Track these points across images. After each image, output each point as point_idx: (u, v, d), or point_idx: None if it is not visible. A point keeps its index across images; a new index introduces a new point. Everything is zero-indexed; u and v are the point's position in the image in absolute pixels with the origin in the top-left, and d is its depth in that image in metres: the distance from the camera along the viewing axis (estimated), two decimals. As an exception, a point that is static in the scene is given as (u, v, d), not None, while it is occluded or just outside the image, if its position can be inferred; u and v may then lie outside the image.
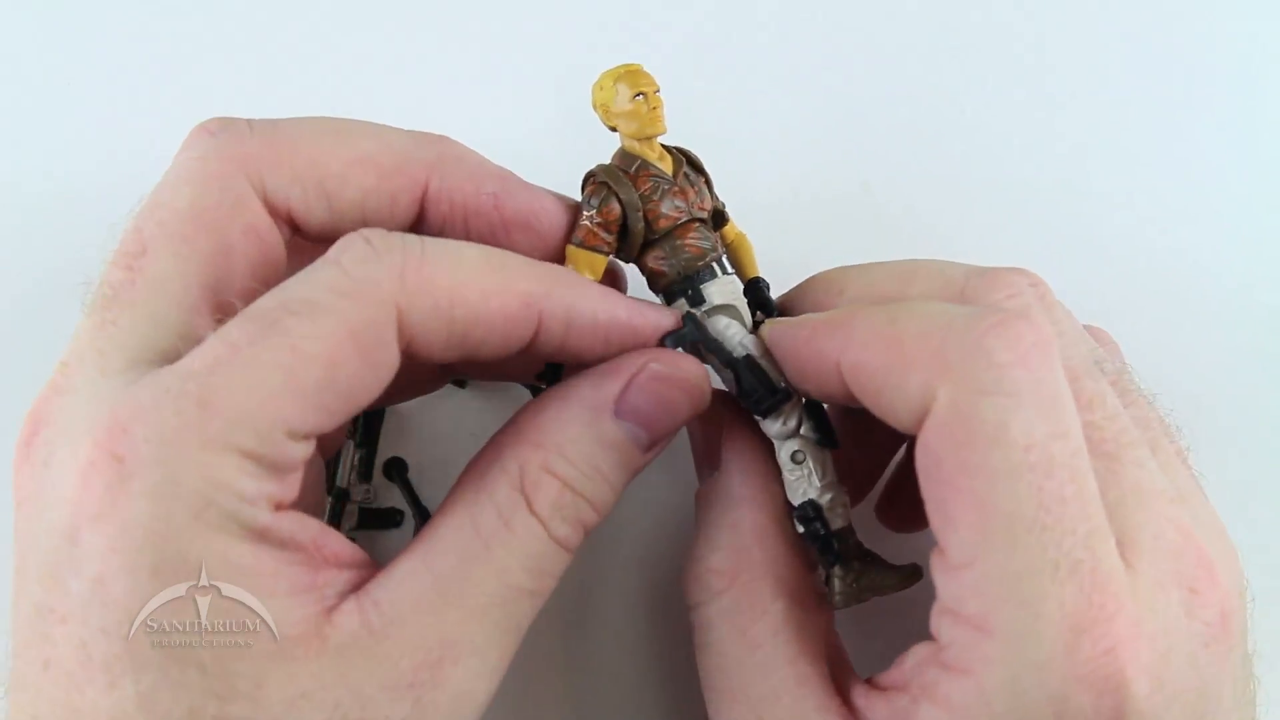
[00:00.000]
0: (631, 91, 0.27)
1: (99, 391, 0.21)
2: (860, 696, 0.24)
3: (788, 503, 0.27)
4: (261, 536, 0.21)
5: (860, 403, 0.24)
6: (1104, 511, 0.21)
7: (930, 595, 0.22)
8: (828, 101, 0.38)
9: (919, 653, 0.23)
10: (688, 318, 0.26)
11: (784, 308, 0.28)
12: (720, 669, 0.25)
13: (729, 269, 0.29)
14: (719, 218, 0.30)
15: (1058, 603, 0.20)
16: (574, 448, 0.24)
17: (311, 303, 0.21)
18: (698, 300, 0.28)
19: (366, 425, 0.33)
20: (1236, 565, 0.23)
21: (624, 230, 0.27)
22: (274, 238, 0.24)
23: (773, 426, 0.27)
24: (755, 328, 0.29)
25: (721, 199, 0.30)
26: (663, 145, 0.29)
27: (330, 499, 0.32)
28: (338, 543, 0.22)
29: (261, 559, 0.21)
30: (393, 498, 0.33)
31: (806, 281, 0.29)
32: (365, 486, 0.33)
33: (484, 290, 0.23)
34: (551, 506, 0.23)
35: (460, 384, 0.34)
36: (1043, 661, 0.20)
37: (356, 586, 0.22)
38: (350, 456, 0.33)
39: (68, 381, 0.22)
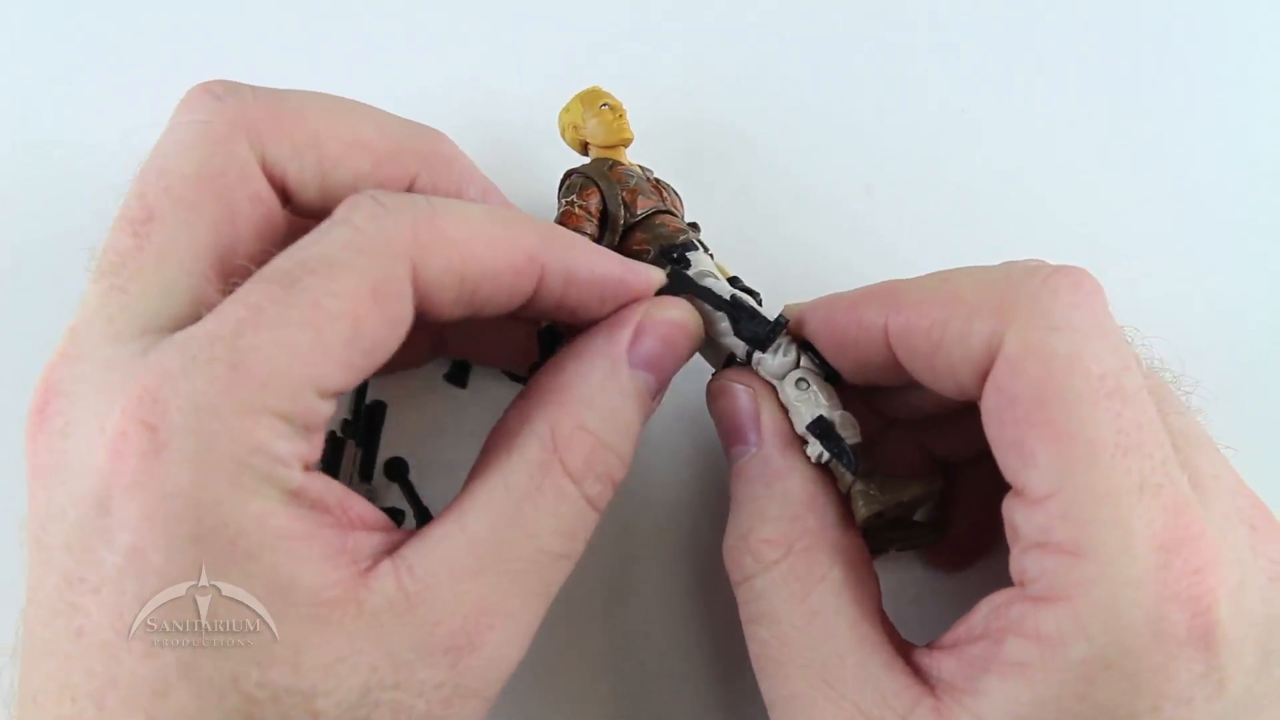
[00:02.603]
0: (597, 103, 0.29)
1: (114, 359, 0.21)
2: (922, 657, 0.24)
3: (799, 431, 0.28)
4: (295, 498, 0.21)
5: (901, 371, 0.25)
6: (1170, 440, 0.22)
7: (959, 588, 0.24)
8: (830, 106, 0.38)
9: (994, 600, 0.23)
10: (673, 272, 0.28)
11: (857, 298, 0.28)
12: (777, 638, 0.25)
13: (710, 253, 0.30)
14: (693, 226, 0.31)
15: (1146, 521, 0.20)
16: (600, 400, 0.24)
17: (330, 260, 0.21)
18: (683, 266, 0.29)
19: (367, 425, 0.34)
20: None
21: (604, 218, 0.28)
22: (275, 205, 0.24)
23: (773, 362, 0.28)
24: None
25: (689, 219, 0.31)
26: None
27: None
28: (361, 505, 0.23)
29: (296, 522, 0.21)
30: (393, 497, 0.34)
31: (872, 287, 0.28)
32: (366, 486, 0.33)
33: (492, 244, 0.23)
34: (584, 464, 0.24)
35: (461, 384, 0.35)
36: (1138, 579, 0.20)
37: (386, 549, 0.22)
38: (351, 456, 0.33)
39: (78, 349, 0.22)
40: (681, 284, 0.28)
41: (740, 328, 0.28)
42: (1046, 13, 0.40)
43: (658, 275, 0.27)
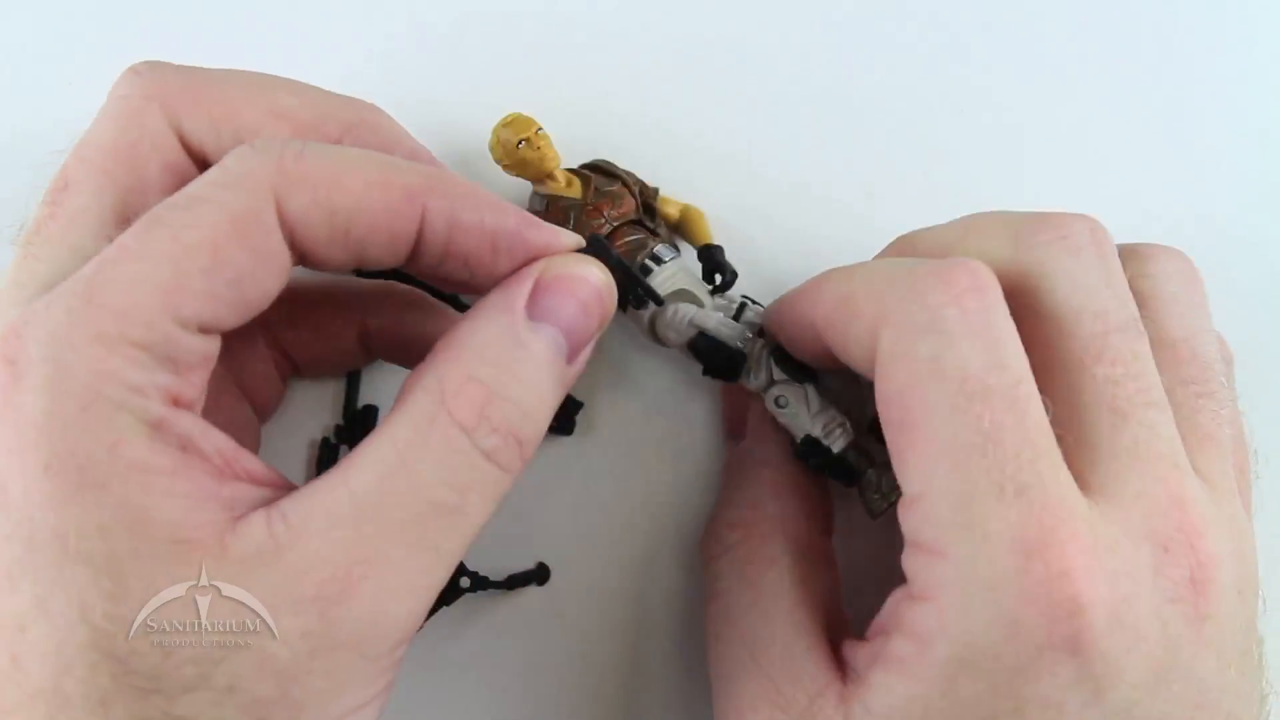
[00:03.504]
0: (515, 139, 0.29)
1: (4, 317, 0.21)
2: (849, 648, 0.25)
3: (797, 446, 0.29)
4: (156, 429, 0.20)
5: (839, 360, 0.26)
6: (1053, 441, 0.21)
7: None
8: (831, 107, 0.38)
9: (896, 595, 0.24)
10: (592, 239, 0.26)
11: (878, 257, 0.30)
12: (724, 614, 0.27)
13: (672, 252, 0.31)
14: (650, 208, 0.31)
15: (1005, 523, 0.20)
16: (493, 351, 0.23)
17: (193, 197, 0.21)
18: (641, 302, 0.29)
19: (359, 430, 0.34)
20: (1241, 557, 0.23)
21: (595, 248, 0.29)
22: (192, 175, 0.24)
23: (750, 384, 0.29)
24: (717, 291, 0.30)
25: (653, 184, 0.31)
26: (570, 170, 0.30)
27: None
28: (253, 461, 0.22)
29: (156, 456, 0.20)
30: None
31: (891, 244, 0.29)
32: None
33: (366, 181, 0.23)
34: (476, 415, 0.22)
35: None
36: (994, 581, 0.20)
37: (270, 503, 0.21)
38: (342, 456, 0.34)
39: (5, 325, 0.22)
40: (599, 252, 0.26)
41: (704, 361, 0.29)
42: (1048, 12, 0.40)
43: (570, 238, 0.25)
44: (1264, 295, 0.38)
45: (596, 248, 0.25)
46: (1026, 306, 0.23)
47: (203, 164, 0.25)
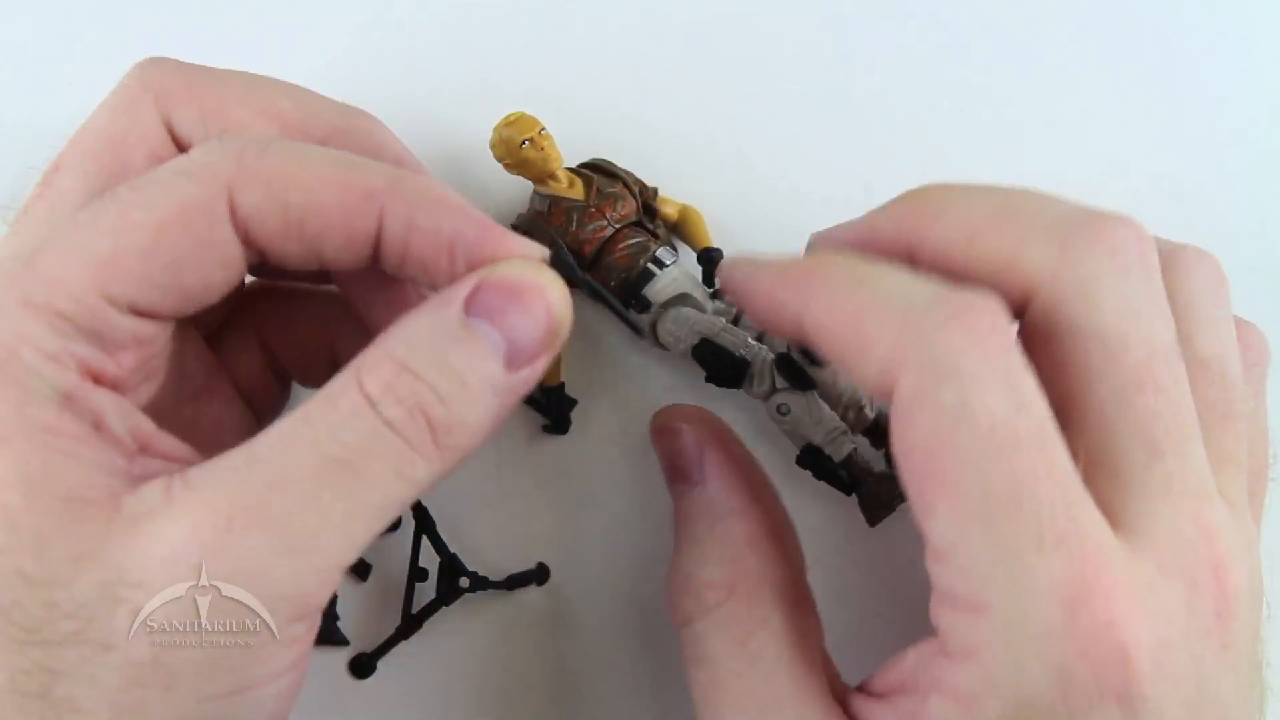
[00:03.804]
0: (519, 139, 0.29)
1: None
2: (859, 704, 0.24)
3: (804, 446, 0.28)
4: (67, 400, 0.20)
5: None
6: (1081, 483, 0.21)
7: (912, 596, 0.23)
8: (829, 102, 0.37)
9: (921, 651, 0.23)
10: (554, 258, 0.25)
11: (876, 219, 0.27)
12: (716, 682, 0.25)
13: (672, 255, 0.31)
14: (650, 209, 0.31)
15: (1047, 574, 0.20)
16: (418, 336, 0.22)
17: (149, 179, 0.22)
18: (643, 306, 0.29)
19: None
20: (1254, 576, 0.23)
21: (559, 266, 0.29)
22: None
23: (749, 392, 0.28)
24: (717, 295, 0.30)
25: (652, 184, 0.31)
26: (570, 170, 0.30)
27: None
28: (172, 443, 0.22)
29: (68, 421, 0.20)
30: None
31: (902, 195, 0.26)
32: None
33: (323, 178, 0.22)
34: (384, 387, 0.21)
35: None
36: (1041, 635, 0.20)
37: (180, 472, 0.21)
38: None
39: None
40: (562, 269, 0.25)
41: (707, 369, 0.28)
42: (1047, 10, 0.40)
43: (534, 249, 0.24)
44: (1264, 292, 0.38)
45: (560, 265, 0.25)
46: (1068, 324, 0.22)
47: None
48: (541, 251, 0.24)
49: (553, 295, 0.23)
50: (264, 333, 0.30)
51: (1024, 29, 0.39)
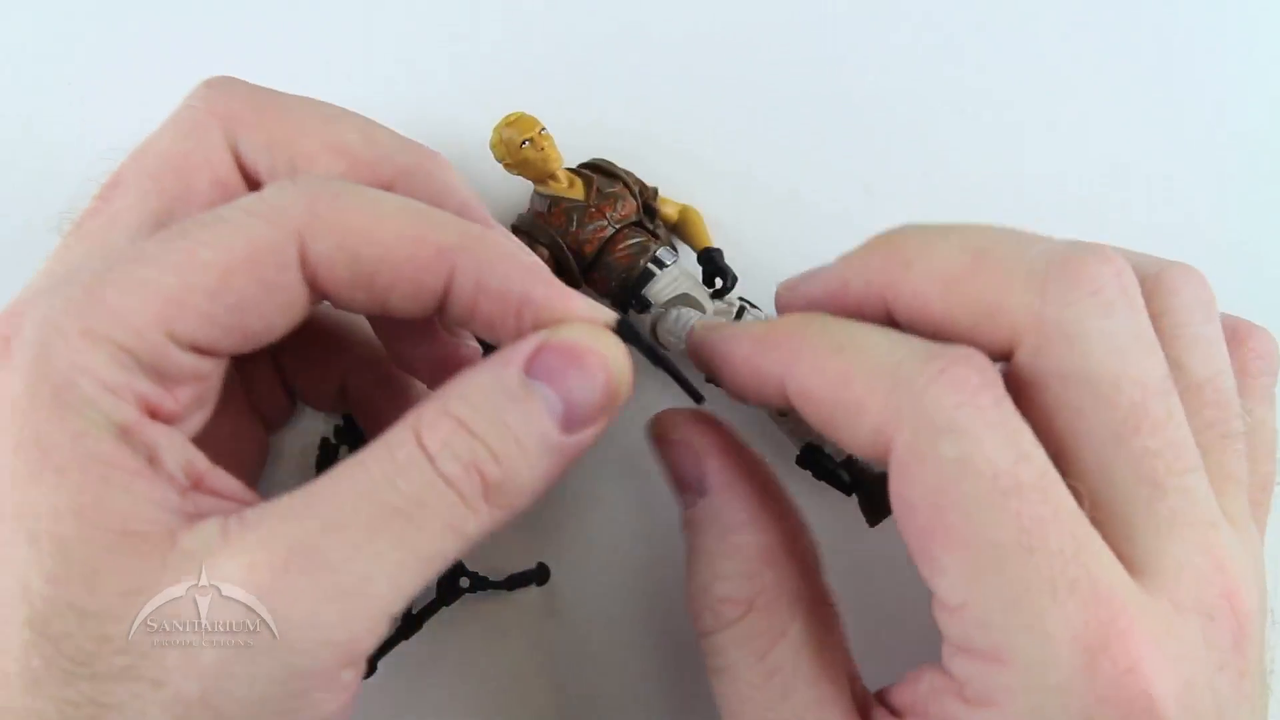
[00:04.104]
0: (519, 139, 0.29)
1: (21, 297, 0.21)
2: (881, 718, 0.24)
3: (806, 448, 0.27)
4: (124, 435, 0.20)
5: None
6: (1090, 527, 0.21)
7: (913, 598, 0.23)
8: (829, 104, 0.38)
9: (936, 682, 0.22)
10: (621, 324, 0.25)
11: (847, 270, 0.26)
12: (737, 695, 0.25)
13: (673, 255, 0.31)
14: (650, 209, 0.31)
15: (1064, 621, 0.19)
16: (477, 395, 0.22)
17: (219, 216, 0.22)
18: (644, 307, 0.29)
19: (359, 430, 0.34)
20: (1260, 587, 0.23)
21: (560, 271, 0.29)
22: (240, 192, 0.25)
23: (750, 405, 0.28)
24: (717, 295, 0.30)
25: (652, 184, 0.31)
26: (570, 170, 0.30)
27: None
28: (224, 479, 0.22)
29: (123, 455, 0.20)
30: None
31: (871, 242, 0.26)
32: None
33: (397, 231, 0.22)
34: (441, 443, 0.21)
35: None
36: (1063, 684, 0.19)
37: (236, 512, 0.21)
38: (342, 458, 0.34)
39: (14, 303, 0.22)
40: (628, 336, 0.25)
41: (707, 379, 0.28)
42: (1044, 11, 0.40)
43: (602, 311, 0.24)
44: (1262, 292, 0.38)
45: (625, 332, 0.25)
46: (1056, 369, 0.22)
47: (254, 185, 0.25)
48: (609, 316, 0.24)
49: (613, 360, 0.24)
50: (278, 353, 0.30)
51: (1023, 30, 0.39)
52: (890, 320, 0.24)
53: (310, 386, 0.31)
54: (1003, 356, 0.22)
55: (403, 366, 0.30)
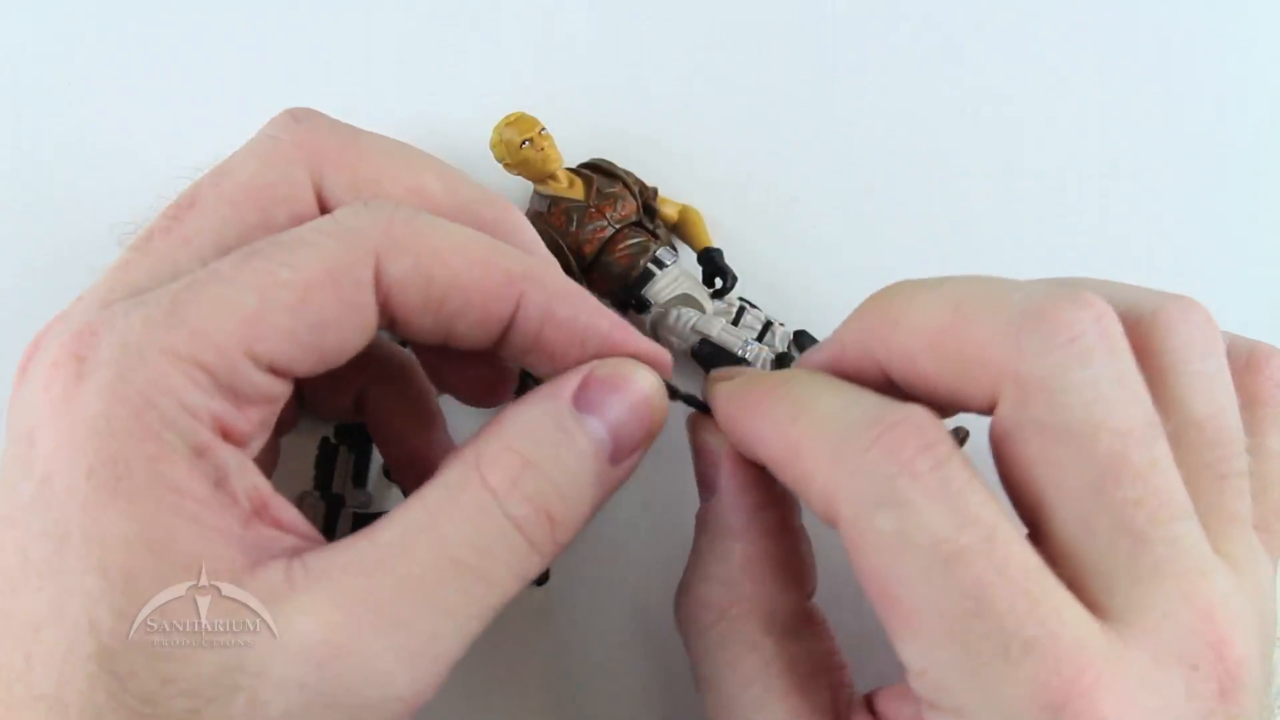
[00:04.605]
0: (519, 139, 0.29)
1: (88, 315, 0.21)
2: None
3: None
4: (198, 455, 0.20)
5: None
6: (1050, 580, 0.20)
7: None
8: (829, 104, 0.38)
9: (918, 710, 0.22)
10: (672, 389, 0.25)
11: (845, 334, 0.26)
12: (716, 703, 0.25)
13: (672, 255, 0.31)
14: (650, 209, 0.31)
15: (1020, 682, 0.19)
16: (534, 431, 0.23)
17: (297, 238, 0.22)
18: (644, 307, 0.29)
19: (360, 430, 0.34)
20: (1262, 630, 0.22)
21: (560, 267, 0.29)
22: None
23: None
24: (717, 295, 0.30)
25: (651, 184, 0.31)
26: (570, 170, 0.30)
27: (324, 505, 0.33)
28: (284, 508, 0.22)
29: (194, 481, 0.20)
30: (394, 501, 0.34)
31: (865, 304, 0.26)
32: (360, 492, 0.34)
33: (467, 257, 0.23)
34: (509, 481, 0.22)
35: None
36: None
37: (295, 554, 0.21)
38: (345, 462, 0.34)
39: (68, 311, 0.22)
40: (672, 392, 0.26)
41: (707, 368, 0.29)
42: (1046, 12, 0.40)
43: (665, 355, 0.25)
44: (1261, 293, 0.38)
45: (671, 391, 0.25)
46: (1034, 422, 0.21)
47: None
48: (664, 354, 0.25)
49: (652, 391, 0.24)
50: None
51: (1022, 30, 0.39)
52: (887, 380, 0.24)
53: (326, 396, 0.30)
54: (988, 411, 0.22)
55: (439, 382, 0.30)
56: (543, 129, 0.31)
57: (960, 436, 0.31)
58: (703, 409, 0.27)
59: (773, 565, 0.26)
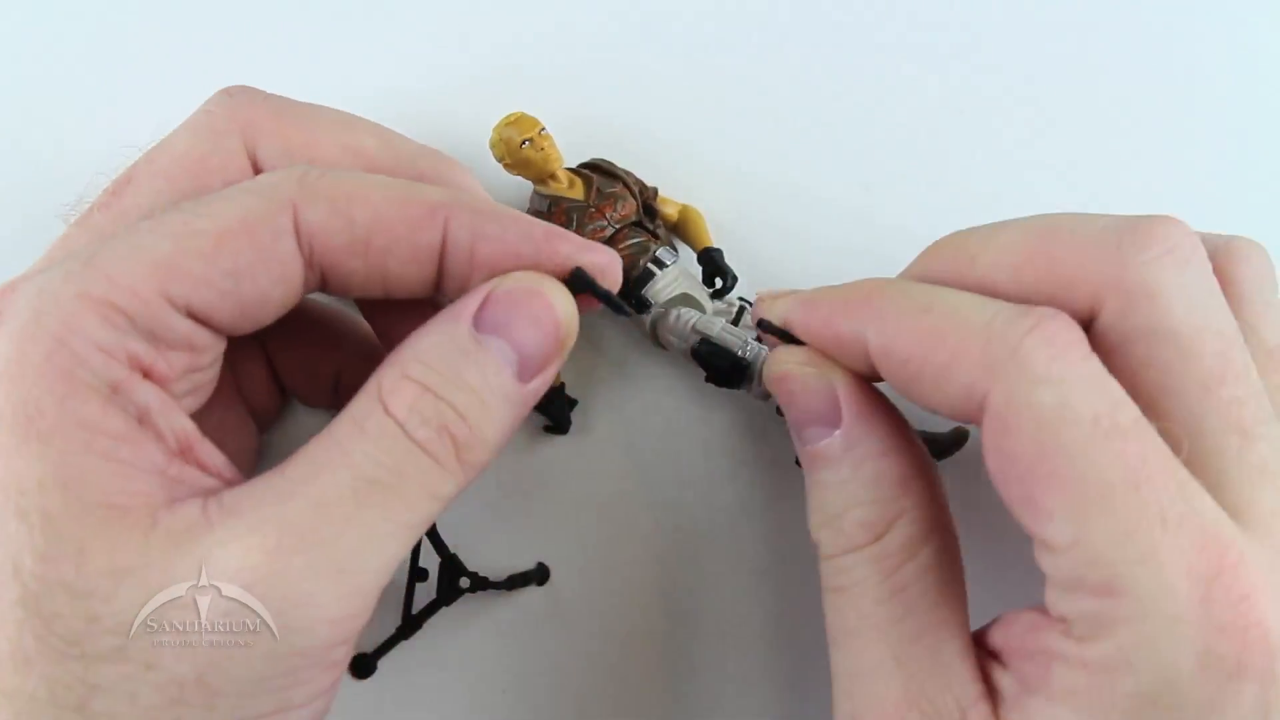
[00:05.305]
0: (519, 139, 0.29)
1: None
2: (982, 654, 0.24)
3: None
4: (113, 392, 0.20)
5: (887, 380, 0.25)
6: (1187, 471, 0.21)
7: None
8: (829, 103, 0.38)
9: (1034, 621, 0.23)
10: (576, 273, 0.25)
11: (915, 278, 0.27)
12: (856, 610, 0.25)
13: (672, 255, 0.31)
14: (650, 209, 0.31)
15: (1177, 552, 0.20)
16: (432, 355, 0.23)
17: (214, 195, 0.23)
18: (644, 307, 0.29)
19: None
20: None
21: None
22: None
23: (749, 394, 0.28)
24: (717, 295, 0.30)
25: (652, 184, 0.31)
26: (570, 170, 0.30)
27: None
28: (212, 453, 0.22)
29: (108, 417, 0.20)
30: None
31: (933, 247, 0.27)
32: None
33: (387, 195, 0.23)
34: (408, 408, 0.22)
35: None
36: (1179, 613, 0.20)
37: (215, 493, 0.21)
38: None
39: (10, 286, 0.22)
40: (584, 285, 0.25)
41: (707, 369, 0.28)
42: (1046, 11, 0.40)
43: (604, 251, 0.25)
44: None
45: (579, 282, 0.25)
46: (1140, 328, 0.22)
47: None
48: (608, 255, 0.25)
49: (558, 303, 0.24)
50: (270, 347, 0.30)
51: (1022, 30, 0.39)
52: None
53: (302, 380, 0.31)
54: (1082, 325, 0.23)
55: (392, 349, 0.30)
56: (543, 129, 0.31)
57: (960, 437, 0.31)
58: (609, 303, 0.25)
59: (927, 480, 0.26)
